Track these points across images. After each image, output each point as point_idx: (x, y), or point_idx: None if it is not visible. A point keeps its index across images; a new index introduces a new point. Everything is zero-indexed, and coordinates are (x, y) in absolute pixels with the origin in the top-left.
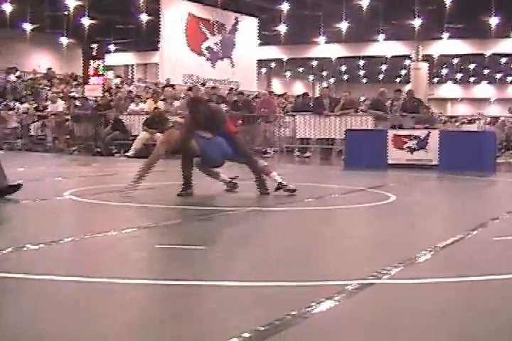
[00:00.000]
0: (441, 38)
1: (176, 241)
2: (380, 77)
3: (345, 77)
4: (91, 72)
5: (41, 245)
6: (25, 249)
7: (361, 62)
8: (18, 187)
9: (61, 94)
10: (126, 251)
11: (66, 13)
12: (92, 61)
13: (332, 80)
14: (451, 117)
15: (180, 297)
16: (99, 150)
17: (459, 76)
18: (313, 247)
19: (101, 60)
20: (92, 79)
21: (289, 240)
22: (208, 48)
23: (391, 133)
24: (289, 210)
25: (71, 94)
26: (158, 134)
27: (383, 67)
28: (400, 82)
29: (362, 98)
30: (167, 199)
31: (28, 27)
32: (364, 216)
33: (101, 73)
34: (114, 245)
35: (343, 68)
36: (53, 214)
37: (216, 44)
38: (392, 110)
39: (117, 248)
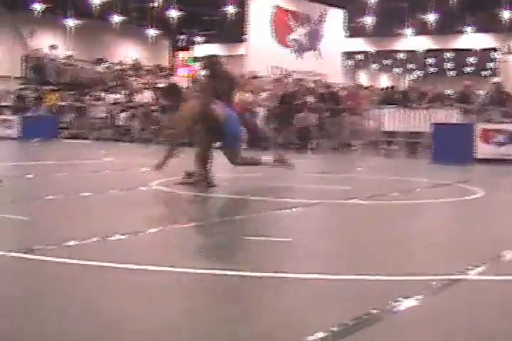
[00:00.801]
0: None
1: (262, 232)
2: (467, 69)
3: (432, 69)
4: (178, 63)
5: (128, 235)
6: (112, 238)
7: (448, 55)
8: None
9: (148, 85)
10: (213, 242)
11: (153, 4)
12: (179, 52)
13: (418, 73)
14: None
15: (267, 288)
16: (186, 140)
17: None
18: (398, 242)
19: (188, 52)
20: (179, 71)
21: (374, 234)
22: (295, 40)
23: (479, 127)
24: (374, 204)
25: (158, 85)
26: None
27: (470, 60)
28: (487, 75)
29: (448, 91)
30: (248, 190)
31: (115, 18)
32: (450, 211)
33: (189, 64)
34: (201, 235)
35: (430, 61)
36: (139, 205)
37: (302, 36)
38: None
39: (204, 238)
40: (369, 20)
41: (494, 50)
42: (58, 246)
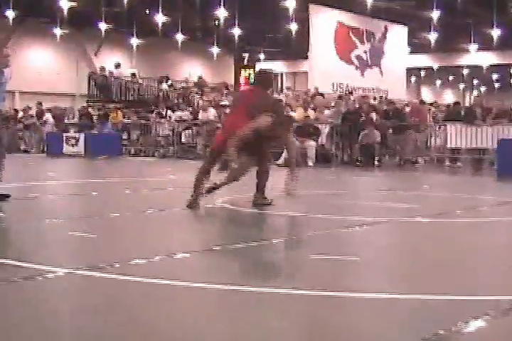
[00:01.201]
0: None
1: (328, 251)
2: None
3: (497, 85)
4: (242, 80)
5: (192, 253)
6: (176, 256)
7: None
8: (6, 196)
9: (212, 103)
10: (279, 261)
11: (216, 22)
12: (243, 70)
13: (483, 88)
14: None
15: (333, 307)
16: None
17: None
18: (464, 261)
19: (252, 69)
20: (242, 88)
21: (440, 252)
22: (358, 57)
23: None
24: (440, 222)
25: (222, 103)
26: (311, 142)
27: None
28: None
29: None
30: (311, 208)
31: (179, 37)
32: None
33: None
34: (268, 254)
35: (495, 76)
36: (205, 223)
37: (365, 52)
38: None
39: (270, 258)
40: (432, 36)
41: None
42: (124, 263)
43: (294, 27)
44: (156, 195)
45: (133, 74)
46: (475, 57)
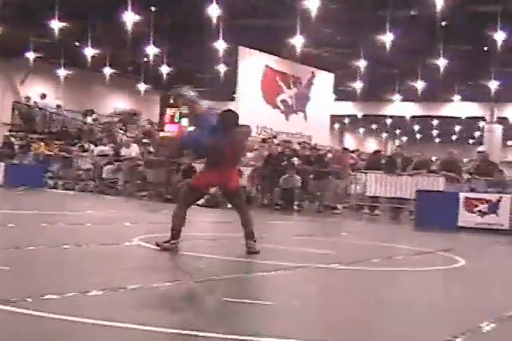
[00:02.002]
0: None
1: (243, 294)
2: (453, 137)
3: (419, 136)
4: (167, 119)
5: (106, 290)
6: (90, 293)
7: (435, 122)
8: None
9: (135, 139)
10: (191, 303)
11: (145, 59)
12: (168, 108)
13: (405, 138)
14: None
15: None
16: (169, 197)
17: None
18: (374, 309)
19: (177, 108)
20: (168, 127)
21: (352, 301)
22: (283, 101)
23: (462, 195)
24: (354, 270)
25: (145, 140)
26: None
27: (457, 128)
28: (473, 143)
29: (434, 158)
30: (231, 251)
31: (107, 70)
32: (430, 280)
33: (176, 121)
34: (180, 295)
35: (417, 127)
36: (121, 260)
37: (291, 97)
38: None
39: (182, 298)
40: (358, 85)
41: (481, 118)
42: (36, 299)
43: (222, 68)
44: (72, 230)
45: (58, 106)
46: (398, 107)
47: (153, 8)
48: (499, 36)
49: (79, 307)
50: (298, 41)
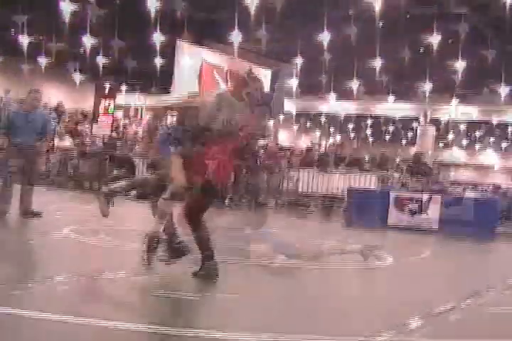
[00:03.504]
0: (450, 103)
1: (171, 288)
2: (387, 137)
3: (352, 134)
4: (101, 110)
5: (37, 282)
6: (21, 284)
7: (369, 121)
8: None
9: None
10: (119, 296)
11: (82, 50)
12: (103, 100)
13: (339, 137)
14: (454, 183)
15: None
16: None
17: (464, 142)
18: (301, 307)
19: (112, 100)
20: (102, 118)
21: (281, 297)
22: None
23: (393, 194)
24: (282, 266)
25: (80, 131)
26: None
27: (390, 128)
28: (406, 143)
29: (367, 157)
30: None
31: (42, 60)
32: (358, 277)
33: (111, 112)
34: (109, 288)
35: (351, 126)
36: (50, 252)
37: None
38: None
39: (111, 291)
40: (294, 82)
41: (415, 119)
42: None
43: (158, 61)
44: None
45: None
46: (334, 105)
47: None
48: (434, 38)
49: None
50: (236, 36)
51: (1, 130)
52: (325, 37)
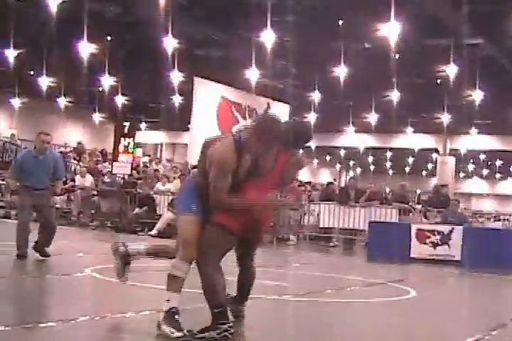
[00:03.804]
0: (469, 133)
1: (193, 326)
2: (407, 169)
3: (372, 167)
4: (121, 149)
5: (59, 322)
6: (42, 325)
7: (388, 154)
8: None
9: (89, 169)
10: (142, 335)
11: (100, 89)
12: (122, 139)
13: (359, 170)
14: (476, 213)
15: None
16: (121, 226)
17: (485, 171)
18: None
19: (132, 138)
20: (122, 157)
21: (305, 332)
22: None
23: (414, 227)
24: (307, 301)
25: (100, 170)
26: None
27: (410, 160)
28: (426, 175)
29: (387, 190)
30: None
31: (62, 101)
32: (382, 311)
33: (131, 151)
34: (132, 327)
35: (370, 159)
36: (74, 291)
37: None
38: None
39: (134, 330)
40: (313, 117)
41: (435, 150)
42: None
43: (177, 98)
44: (21, 261)
45: (12, 135)
46: (352, 138)
47: (109, 38)
48: (451, 69)
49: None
50: (253, 73)
51: (13, 174)
52: (341, 70)
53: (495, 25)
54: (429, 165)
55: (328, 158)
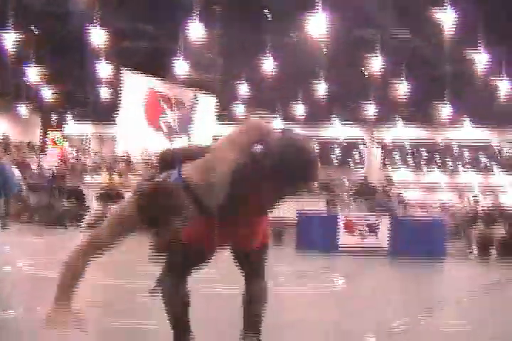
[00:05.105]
0: (395, 124)
1: (129, 320)
2: (334, 159)
3: None
4: (48, 141)
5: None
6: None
7: (315, 144)
8: None
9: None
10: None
11: (26, 80)
12: (50, 131)
13: None
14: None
15: None
16: (51, 220)
17: (411, 161)
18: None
19: (59, 131)
20: (49, 149)
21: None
22: (166, 123)
23: (342, 216)
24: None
25: (28, 163)
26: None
27: (337, 150)
28: (353, 165)
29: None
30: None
31: None
32: (311, 300)
33: (58, 144)
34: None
35: None
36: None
37: (174, 120)
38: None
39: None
40: (240, 108)
41: (360, 140)
42: None
43: (104, 90)
44: None
45: None
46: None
47: (35, 29)
48: (377, 61)
49: None
50: (181, 65)
51: None
52: (269, 62)
53: (421, 18)
54: (356, 156)
55: None
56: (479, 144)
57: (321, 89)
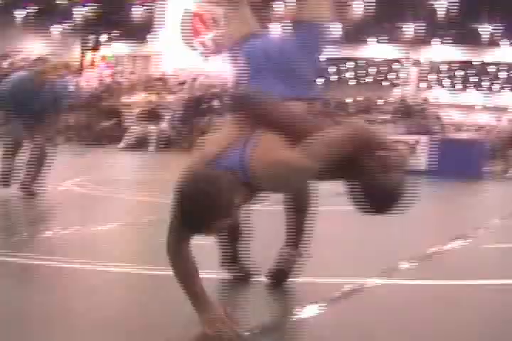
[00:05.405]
0: (431, 44)
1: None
2: (368, 79)
3: (332, 78)
4: (86, 62)
5: (49, 233)
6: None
7: (349, 64)
8: None
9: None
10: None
11: (61, 2)
12: (88, 52)
13: (321, 80)
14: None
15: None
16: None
17: (447, 82)
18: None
19: (97, 51)
20: (87, 70)
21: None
22: (202, 43)
23: None
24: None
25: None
26: (152, 127)
27: (373, 70)
28: (388, 85)
29: (348, 100)
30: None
31: (20, 13)
32: (347, 220)
33: (96, 64)
34: (121, 237)
35: (331, 69)
36: (56, 205)
37: (210, 39)
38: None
39: (123, 240)
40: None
41: (397, 61)
42: None
43: (139, 10)
44: None
45: None
46: None
47: None
48: None
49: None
50: None
51: None
52: None
53: None
54: (393, 76)
55: None
56: None
57: (356, 7)
